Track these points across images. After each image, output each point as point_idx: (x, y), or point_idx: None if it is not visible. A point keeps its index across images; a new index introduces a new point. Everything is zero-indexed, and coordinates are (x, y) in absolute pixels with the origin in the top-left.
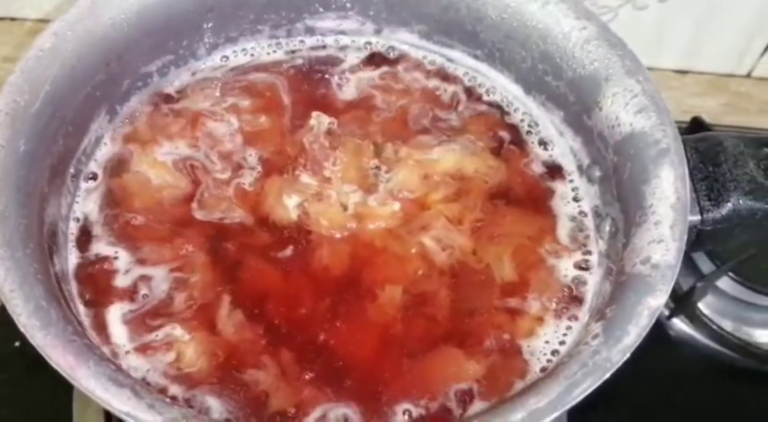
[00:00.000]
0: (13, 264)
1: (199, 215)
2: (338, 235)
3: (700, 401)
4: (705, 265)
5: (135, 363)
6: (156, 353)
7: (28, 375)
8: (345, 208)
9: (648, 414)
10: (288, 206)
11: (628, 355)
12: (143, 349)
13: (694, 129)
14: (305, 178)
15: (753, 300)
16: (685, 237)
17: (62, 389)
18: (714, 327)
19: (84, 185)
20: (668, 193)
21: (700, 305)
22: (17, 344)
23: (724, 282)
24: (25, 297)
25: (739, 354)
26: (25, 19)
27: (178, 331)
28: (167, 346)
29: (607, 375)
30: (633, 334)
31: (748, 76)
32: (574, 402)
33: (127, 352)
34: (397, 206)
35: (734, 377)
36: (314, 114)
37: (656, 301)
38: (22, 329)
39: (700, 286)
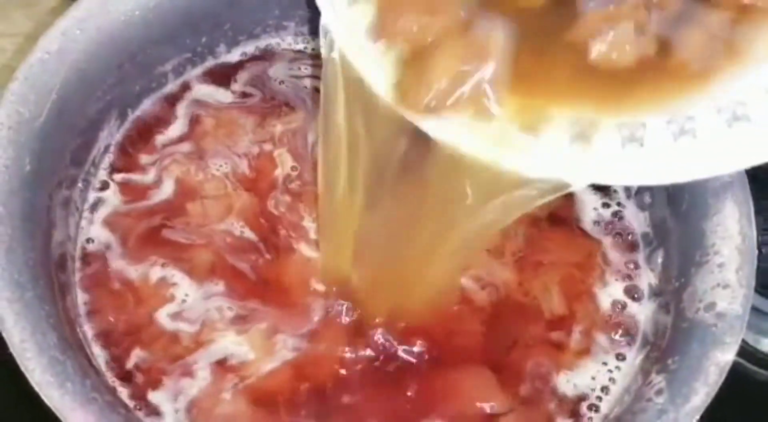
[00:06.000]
0: (23, 307)
1: None
2: None
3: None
4: None
5: None
6: None
7: None
8: None
9: None
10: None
11: (696, 419)
12: None
13: None
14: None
15: None
16: (753, 282)
17: None
18: None
19: (92, 196)
20: (733, 233)
21: None
22: None
23: None
24: (39, 349)
25: (760, 367)
26: None
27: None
28: None
29: None
30: (702, 394)
31: None
32: None
33: None
34: None
35: (754, 391)
36: (276, 153)
37: (725, 356)
38: (36, 387)
39: None
